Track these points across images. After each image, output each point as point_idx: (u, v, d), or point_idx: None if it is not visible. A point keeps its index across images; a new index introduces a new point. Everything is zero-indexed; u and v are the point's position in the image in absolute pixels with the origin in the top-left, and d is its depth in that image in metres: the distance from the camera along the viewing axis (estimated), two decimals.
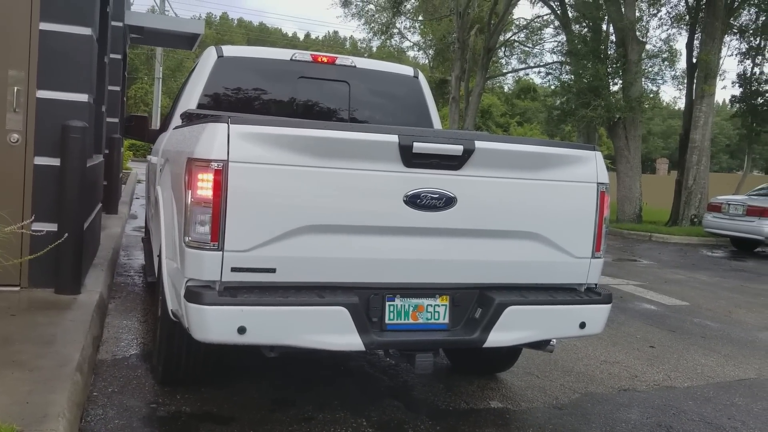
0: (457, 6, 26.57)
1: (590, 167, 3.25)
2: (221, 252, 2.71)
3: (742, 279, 9.87)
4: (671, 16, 20.58)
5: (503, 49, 31.53)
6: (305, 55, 4.90)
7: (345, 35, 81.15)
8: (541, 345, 3.33)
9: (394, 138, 2.85)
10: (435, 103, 5.37)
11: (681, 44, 31.60)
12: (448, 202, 2.95)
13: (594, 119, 17.96)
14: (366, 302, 2.93)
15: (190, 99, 4.65)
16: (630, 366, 4.81)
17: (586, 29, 20.12)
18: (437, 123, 5.23)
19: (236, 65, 4.80)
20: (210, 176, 2.69)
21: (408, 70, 5.33)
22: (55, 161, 4.69)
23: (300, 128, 2.79)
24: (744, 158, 24.66)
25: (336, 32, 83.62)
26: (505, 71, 35.27)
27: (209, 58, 4.74)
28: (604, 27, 19.82)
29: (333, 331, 2.82)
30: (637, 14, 19.28)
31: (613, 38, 19.32)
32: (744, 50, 19.67)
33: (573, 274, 3.30)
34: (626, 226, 16.98)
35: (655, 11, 20.94)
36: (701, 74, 17.50)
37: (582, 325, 3.25)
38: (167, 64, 47.29)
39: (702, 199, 17.30)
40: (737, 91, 20.11)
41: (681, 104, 24.75)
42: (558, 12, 21.95)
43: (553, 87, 22.78)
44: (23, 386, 2.95)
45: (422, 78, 5.29)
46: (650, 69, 19.68)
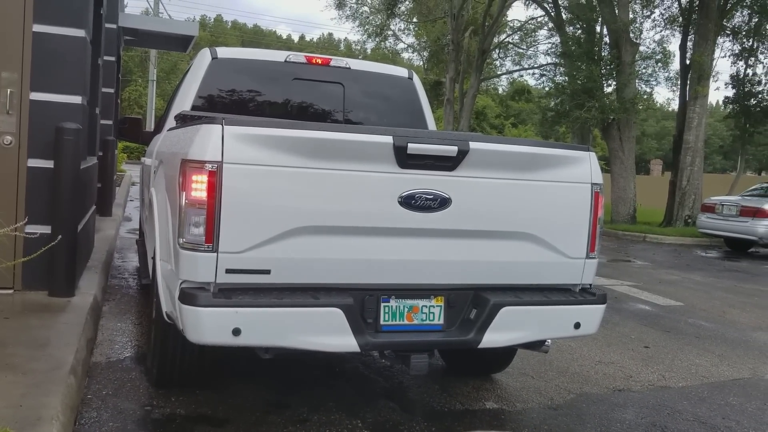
0: (452, 8, 26.61)
1: (584, 168, 3.26)
2: (216, 253, 2.70)
3: (736, 279, 9.91)
4: (664, 18, 20.67)
5: (497, 51, 31.57)
6: (299, 57, 4.90)
7: (339, 37, 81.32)
8: (536, 345, 3.34)
9: (389, 139, 2.85)
10: (429, 105, 5.38)
11: (674, 46, 31.80)
12: (443, 203, 2.96)
13: (588, 120, 18.00)
14: (361, 303, 2.93)
15: (185, 101, 4.64)
16: (625, 366, 4.82)
17: (580, 31, 20.17)
18: (432, 124, 5.24)
19: (230, 67, 4.80)
20: (204, 178, 2.69)
21: (402, 72, 5.34)
22: (49, 163, 4.67)
23: (294, 129, 2.79)
24: (737, 159, 24.74)
25: (331, 34, 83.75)
26: (500, 73, 35.35)
27: (203, 60, 4.73)
28: (598, 29, 19.88)
29: (328, 333, 2.82)
30: (631, 16, 19.33)
31: (607, 40, 19.38)
32: (737, 52, 19.76)
33: (567, 275, 3.30)
34: (620, 227, 17.03)
35: (649, 13, 21.02)
36: (694, 76, 17.57)
37: (577, 326, 3.26)
38: (161, 67, 47.21)
39: (696, 200, 17.37)
40: (730, 93, 20.21)
41: (675, 105, 24.85)
42: (552, 14, 22.03)
43: (548, 88, 22.82)
44: (17, 389, 2.94)
45: (417, 79, 5.30)
46: (644, 70, 19.72)
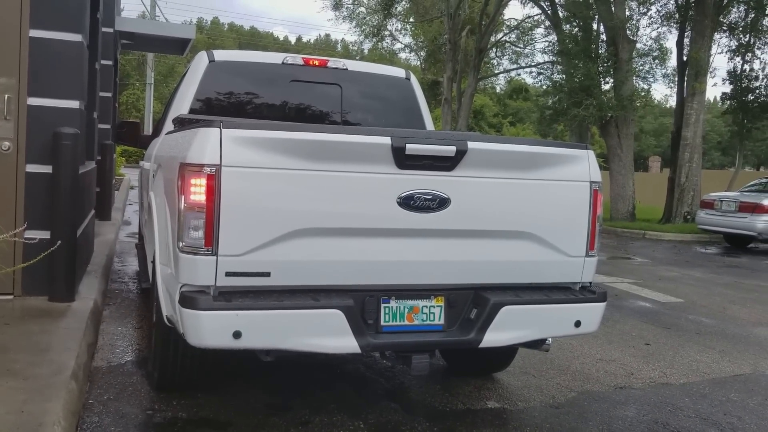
0: (448, 7, 26.61)
1: (583, 166, 3.26)
2: (215, 257, 2.70)
3: (736, 275, 9.92)
4: (661, 15, 20.69)
5: (495, 50, 31.58)
6: (297, 59, 4.90)
7: (336, 38, 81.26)
8: (537, 344, 3.34)
9: (387, 140, 2.85)
10: (427, 105, 5.38)
11: (671, 42, 31.72)
12: (442, 203, 2.96)
13: (586, 118, 18.02)
14: (361, 304, 2.93)
15: (182, 104, 4.64)
16: (626, 364, 4.82)
17: (577, 29, 20.19)
18: (429, 124, 5.24)
19: (228, 69, 4.80)
20: (203, 181, 2.68)
21: (400, 72, 5.34)
22: (47, 168, 4.67)
23: (292, 132, 2.79)
24: (736, 155, 24.76)
25: (328, 35, 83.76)
26: (497, 72, 35.33)
27: (200, 63, 4.73)
28: (595, 26, 19.90)
29: (328, 334, 2.82)
30: (627, 13, 19.36)
31: (604, 37, 19.39)
32: (734, 47, 19.78)
33: (567, 273, 3.30)
34: (620, 224, 17.04)
35: (645, 10, 21.03)
36: (692, 72, 17.58)
37: (577, 324, 3.26)
38: (159, 70, 47.19)
39: (695, 196, 17.38)
40: (728, 89, 20.21)
41: (672, 102, 24.84)
42: (548, 12, 22.03)
43: (545, 87, 22.81)
44: (18, 395, 2.94)
45: (414, 80, 5.30)
46: (641, 67, 19.72)
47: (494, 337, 3.07)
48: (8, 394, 2.94)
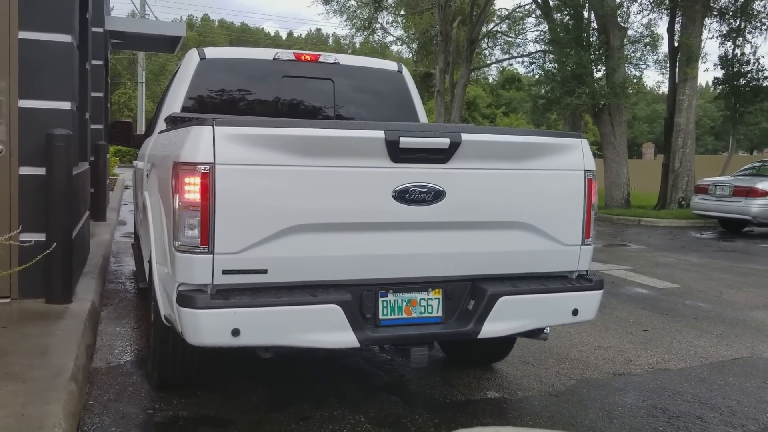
0: None
1: (577, 155, 3.26)
2: (212, 255, 2.70)
3: (732, 259, 9.96)
4: (651, 1, 20.61)
5: (486, 41, 31.50)
6: (288, 54, 4.89)
7: (328, 32, 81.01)
8: (535, 333, 3.35)
9: (381, 134, 2.85)
10: (420, 97, 5.37)
11: (662, 29, 31.70)
12: (437, 196, 2.96)
13: (579, 107, 18.02)
14: (359, 299, 2.93)
15: (174, 102, 4.63)
16: (624, 350, 4.85)
17: (568, 17, 20.14)
18: (423, 117, 5.24)
19: (219, 67, 4.78)
20: (197, 179, 2.68)
21: (392, 65, 5.33)
22: (41, 171, 4.65)
23: (286, 128, 2.78)
24: (729, 139, 24.79)
25: (319, 29, 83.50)
26: (489, 62, 35.28)
27: (191, 61, 4.71)
28: (586, 14, 19.86)
29: (327, 329, 2.82)
30: (618, 0, 19.34)
31: (595, 25, 19.36)
32: (724, 32, 19.75)
33: (564, 262, 3.31)
34: (615, 212, 17.08)
35: None
36: (683, 58, 17.59)
37: (575, 312, 3.27)
38: (150, 68, 47.01)
39: (689, 182, 17.42)
40: (719, 73, 20.20)
41: (665, 88, 24.87)
42: (539, 1, 21.97)
43: (538, 76, 22.77)
44: (18, 398, 2.94)
45: (406, 72, 5.29)
46: (633, 54, 19.70)
47: (492, 328, 3.08)
48: (8, 398, 2.94)
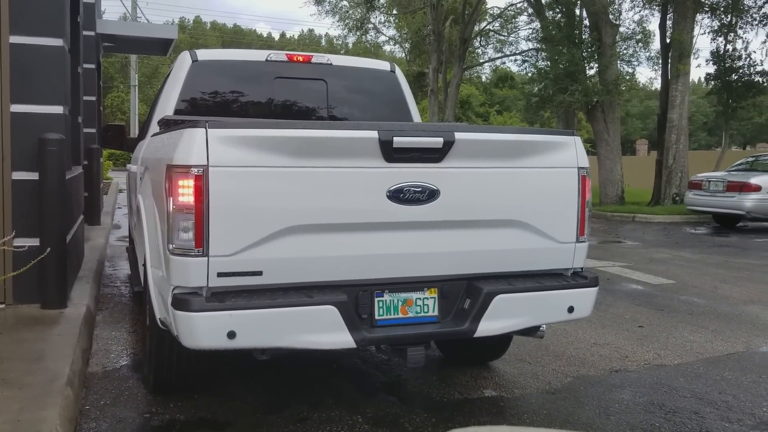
0: None
1: (570, 152, 3.27)
2: (206, 258, 2.69)
3: (726, 254, 9.99)
4: None
5: (479, 39, 31.53)
6: (280, 56, 4.88)
7: (320, 33, 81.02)
8: (531, 331, 3.36)
9: (374, 134, 2.85)
10: (413, 97, 5.37)
11: (654, 25, 31.85)
12: (431, 195, 2.96)
13: (572, 104, 18.05)
14: (355, 299, 2.93)
15: (167, 105, 4.62)
16: (620, 347, 4.86)
17: (560, 15, 20.18)
18: (416, 116, 5.24)
19: (211, 69, 4.77)
20: (190, 182, 2.67)
21: (384, 65, 5.33)
22: (34, 175, 4.63)
23: (279, 129, 2.78)
24: (722, 135, 24.87)
25: (311, 30, 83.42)
26: (482, 61, 35.30)
27: (184, 63, 4.70)
28: (578, 12, 19.90)
29: (323, 331, 2.82)
30: None
31: (587, 23, 19.40)
32: (716, 28, 19.78)
33: (559, 260, 3.32)
34: (609, 209, 17.12)
35: None
36: (675, 54, 17.63)
37: (570, 310, 3.28)
38: (142, 71, 46.90)
39: (682, 178, 17.47)
40: (711, 69, 20.24)
41: (657, 85, 24.91)
42: None
43: (530, 74, 22.82)
44: (14, 404, 2.93)
45: (399, 72, 5.29)
46: (625, 51, 19.71)
47: (489, 326, 3.09)
48: (4, 404, 2.92)
